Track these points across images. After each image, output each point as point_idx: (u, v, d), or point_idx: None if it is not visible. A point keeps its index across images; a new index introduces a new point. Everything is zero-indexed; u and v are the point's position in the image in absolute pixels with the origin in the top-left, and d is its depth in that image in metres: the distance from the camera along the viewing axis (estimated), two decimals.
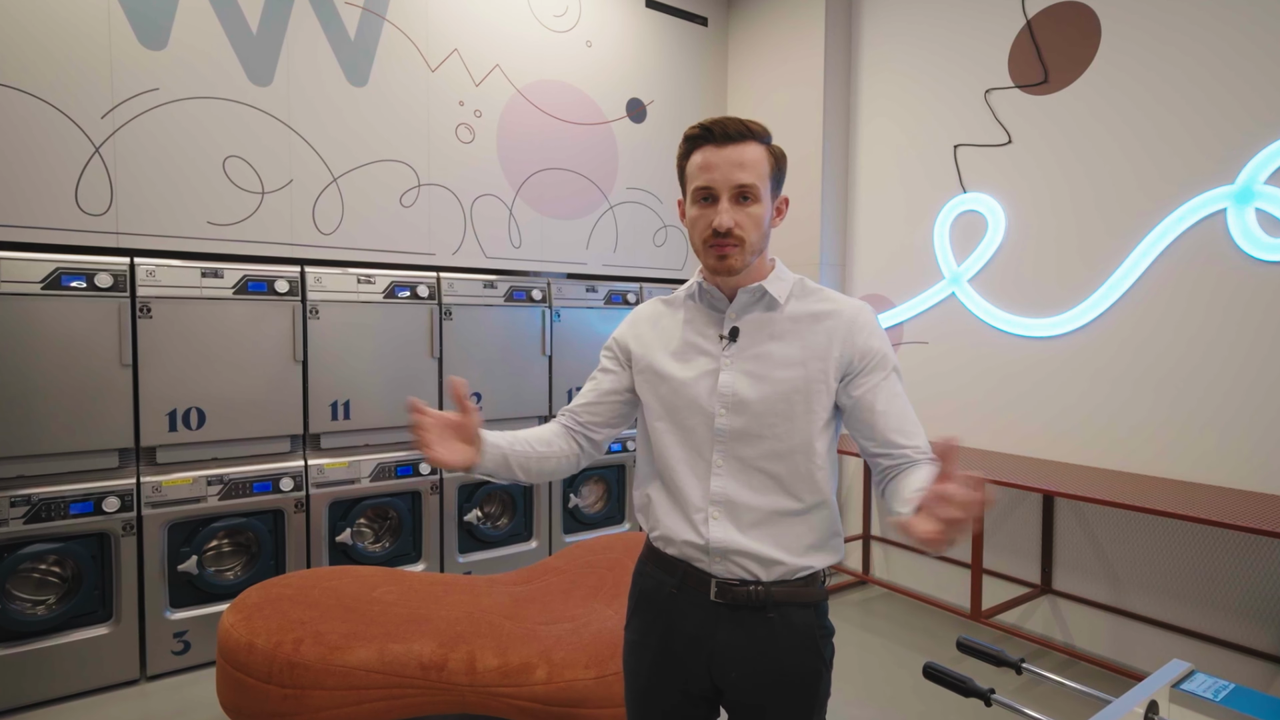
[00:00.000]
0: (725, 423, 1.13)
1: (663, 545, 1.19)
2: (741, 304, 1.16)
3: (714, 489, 1.13)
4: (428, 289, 3.09)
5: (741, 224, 1.09)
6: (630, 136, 3.80)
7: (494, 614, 2.14)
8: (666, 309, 1.26)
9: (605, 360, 1.30)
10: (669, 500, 1.18)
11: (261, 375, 2.73)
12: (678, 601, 1.16)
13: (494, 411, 3.29)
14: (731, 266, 1.11)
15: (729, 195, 1.09)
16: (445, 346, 3.14)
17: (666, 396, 1.18)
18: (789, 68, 3.79)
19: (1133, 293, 2.65)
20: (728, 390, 1.13)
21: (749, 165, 1.09)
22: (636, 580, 1.27)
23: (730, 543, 1.11)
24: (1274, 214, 2.30)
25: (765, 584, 1.11)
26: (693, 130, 1.13)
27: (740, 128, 1.09)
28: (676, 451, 1.17)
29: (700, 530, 1.13)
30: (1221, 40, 2.41)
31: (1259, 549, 2.38)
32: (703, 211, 1.12)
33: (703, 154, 1.11)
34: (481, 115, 3.30)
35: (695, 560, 1.15)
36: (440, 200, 3.21)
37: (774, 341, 1.14)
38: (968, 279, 3.18)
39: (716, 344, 1.16)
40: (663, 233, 3.96)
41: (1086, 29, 2.75)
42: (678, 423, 1.17)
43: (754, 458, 1.12)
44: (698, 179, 1.11)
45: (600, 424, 1.27)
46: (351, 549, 2.95)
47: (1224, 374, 2.44)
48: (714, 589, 1.12)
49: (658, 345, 1.22)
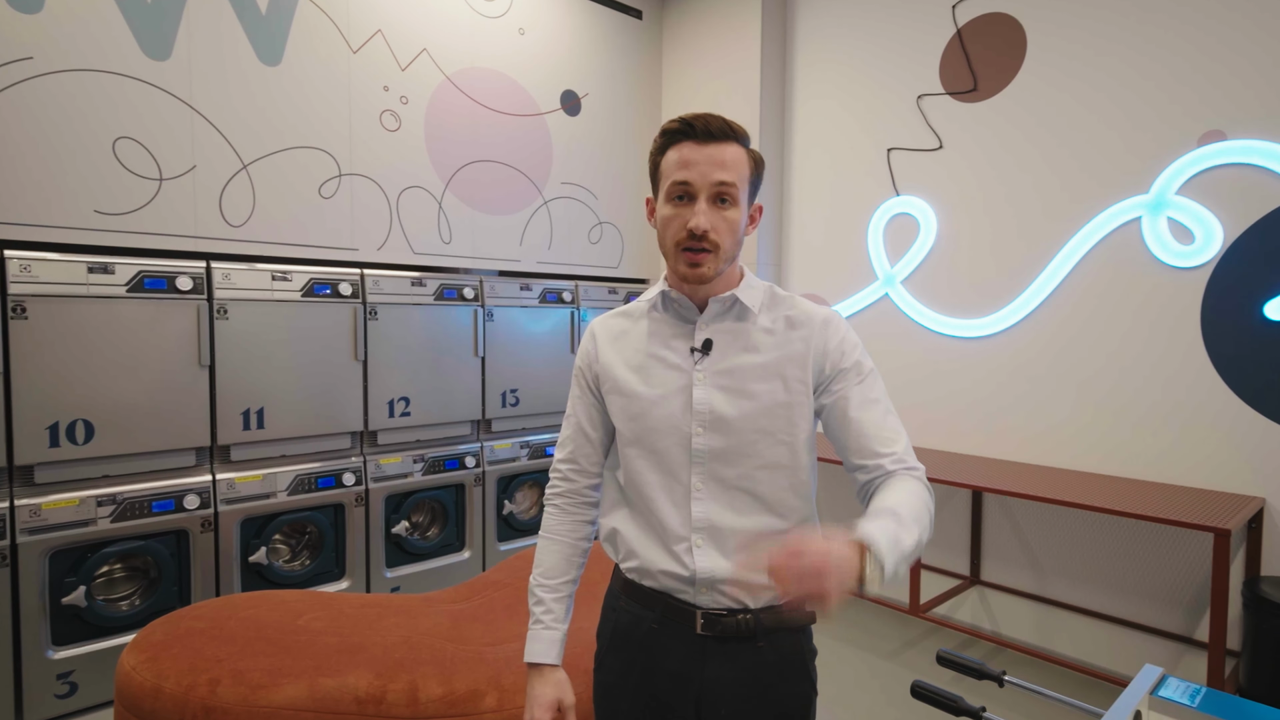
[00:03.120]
0: (704, 442, 1.05)
1: (638, 578, 1.10)
2: (713, 314, 1.08)
3: (696, 515, 1.05)
4: (351, 287, 2.88)
5: (718, 228, 1.02)
6: (565, 130, 3.68)
7: (434, 637, 1.99)
8: (628, 322, 1.16)
9: (576, 389, 1.21)
10: (643, 530, 1.09)
11: (161, 382, 2.46)
12: (659, 638, 1.08)
13: (423, 417, 3.11)
14: (703, 275, 1.03)
15: (707, 195, 1.01)
16: (370, 348, 2.94)
17: (635, 417, 1.09)
18: (724, 65, 3.77)
19: (1056, 295, 2.77)
20: (704, 407, 1.05)
21: (730, 165, 1.02)
22: (608, 615, 1.17)
23: (717, 571, 1.03)
24: (1184, 223, 2.44)
25: (754, 611, 1.04)
26: (672, 124, 1.05)
27: (724, 126, 1.02)
28: (650, 477, 1.08)
29: (683, 561, 1.05)
30: (1138, 56, 2.55)
31: (1169, 537, 2.54)
32: (677, 211, 1.03)
33: (681, 150, 1.03)
34: (408, 102, 3.10)
35: (678, 592, 1.07)
36: (364, 192, 2.99)
37: (748, 353, 1.07)
38: (901, 280, 3.25)
39: (687, 357, 1.08)
40: (598, 229, 3.87)
41: (1013, 40, 2.85)
42: (649, 446, 1.08)
43: (736, 478, 1.05)
44: (675, 174, 1.03)
45: (596, 471, 1.20)
46: (267, 569, 2.71)
47: (1138, 373, 2.58)
48: (700, 621, 1.04)
49: (621, 362, 1.13)
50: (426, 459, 3.15)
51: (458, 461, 3.25)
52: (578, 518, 1.20)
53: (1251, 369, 2.33)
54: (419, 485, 3.13)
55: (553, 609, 1.14)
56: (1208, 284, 2.41)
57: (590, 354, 1.18)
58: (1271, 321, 2.28)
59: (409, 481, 3.09)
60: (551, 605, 1.14)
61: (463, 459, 3.27)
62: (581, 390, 1.19)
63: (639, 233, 4.08)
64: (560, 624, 1.14)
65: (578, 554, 1.19)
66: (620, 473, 1.14)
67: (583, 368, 1.19)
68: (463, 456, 3.27)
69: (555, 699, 1.10)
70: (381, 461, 3.01)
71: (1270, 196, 2.28)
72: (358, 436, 2.98)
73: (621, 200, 3.98)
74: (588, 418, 1.18)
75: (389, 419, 3.02)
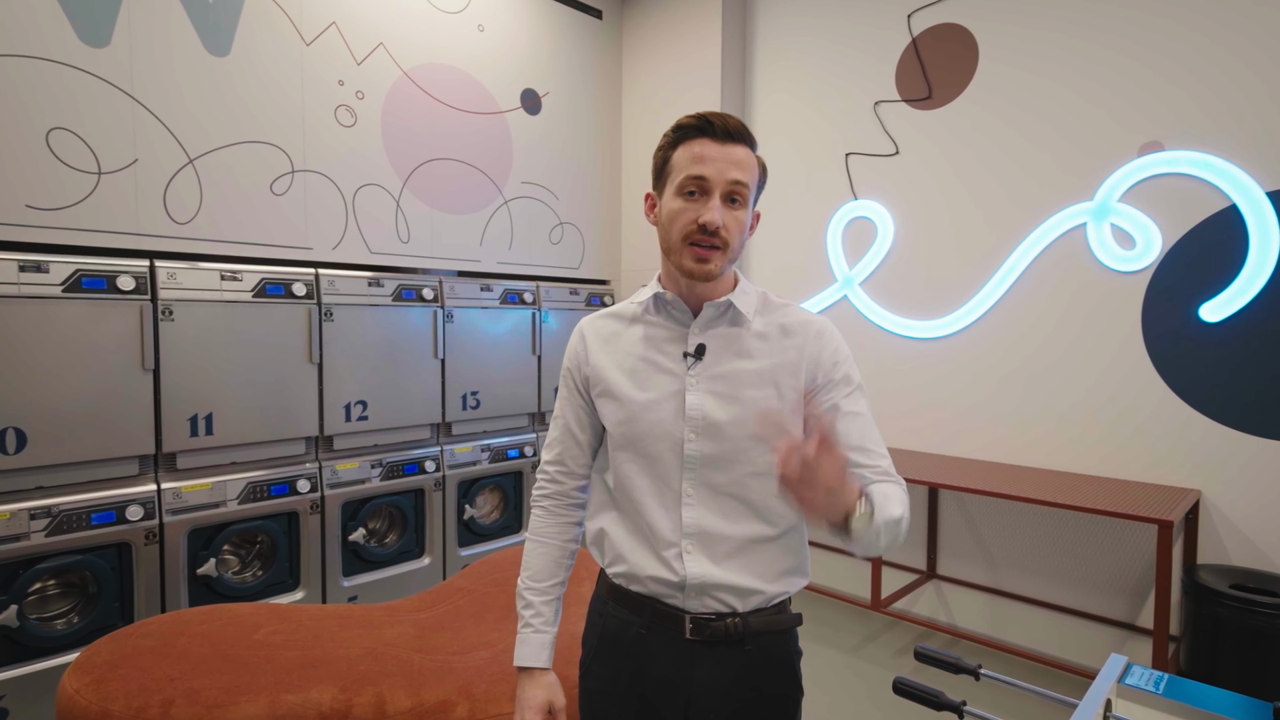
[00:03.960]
0: (695, 448, 1.04)
1: (626, 582, 1.09)
2: (707, 318, 1.08)
3: (686, 520, 1.04)
4: (305, 287, 2.78)
5: (729, 226, 1.02)
6: (525, 128, 3.64)
7: (399, 647, 1.94)
8: (620, 324, 1.15)
9: (565, 390, 1.19)
10: (632, 534, 1.08)
11: (101, 387, 2.33)
12: (647, 643, 1.07)
13: (381, 420, 3.03)
14: (710, 272, 1.03)
15: (721, 193, 1.02)
16: (326, 350, 2.84)
17: (627, 422, 1.08)
18: (684, 67, 3.79)
19: (1007, 298, 2.87)
20: (697, 413, 1.04)
21: (744, 166, 1.03)
22: (595, 621, 1.16)
23: (707, 577, 1.03)
24: (1126, 229, 2.56)
25: (742, 615, 1.04)
26: (688, 120, 1.04)
27: (741, 127, 1.04)
28: (641, 481, 1.07)
29: (673, 566, 1.04)
30: (1083, 69, 2.66)
31: (1114, 529, 2.65)
32: (688, 204, 1.02)
33: (697, 146, 1.03)
34: (364, 97, 3.01)
35: (666, 597, 1.06)
36: (318, 189, 2.89)
37: (742, 359, 1.06)
38: (859, 282, 3.32)
39: (680, 362, 1.07)
40: (559, 230, 3.84)
41: (965, 51, 2.94)
42: (641, 450, 1.07)
43: (726, 484, 1.05)
44: (689, 169, 1.02)
45: (584, 473, 1.19)
46: (216, 582, 2.60)
47: (1084, 372, 2.69)
48: (689, 626, 1.04)
49: (612, 365, 1.11)
50: (385, 464, 3.06)
51: (417, 466, 3.18)
52: (565, 520, 1.19)
53: (1188, 368, 2.46)
54: (377, 491, 3.04)
55: (542, 612, 1.14)
56: (1148, 287, 2.53)
57: (580, 355, 1.16)
58: (1206, 323, 2.41)
59: (366, 487, 3.00)
60: (540, 608, 1.14)
61: (422, 463, 3.20)
62: (570, 391, 1.18)
63: (599, 234, 4.06)
64: (550, 627, 1.14)
65: (566, 556, 1.18)
66: (609, 475, 1.12)
67: (572, 369, 1.17)
68: (422, 461, 3.20)
69: (546, 701, 1.10)
70: (338, 467, 2.92)
71: (1204, 205, 2.41)
72: (313, 442, 2.88)
73: (582, 200, 3.95)
74: (576, 420, 1.17)
75: (345, 423, 2.93)
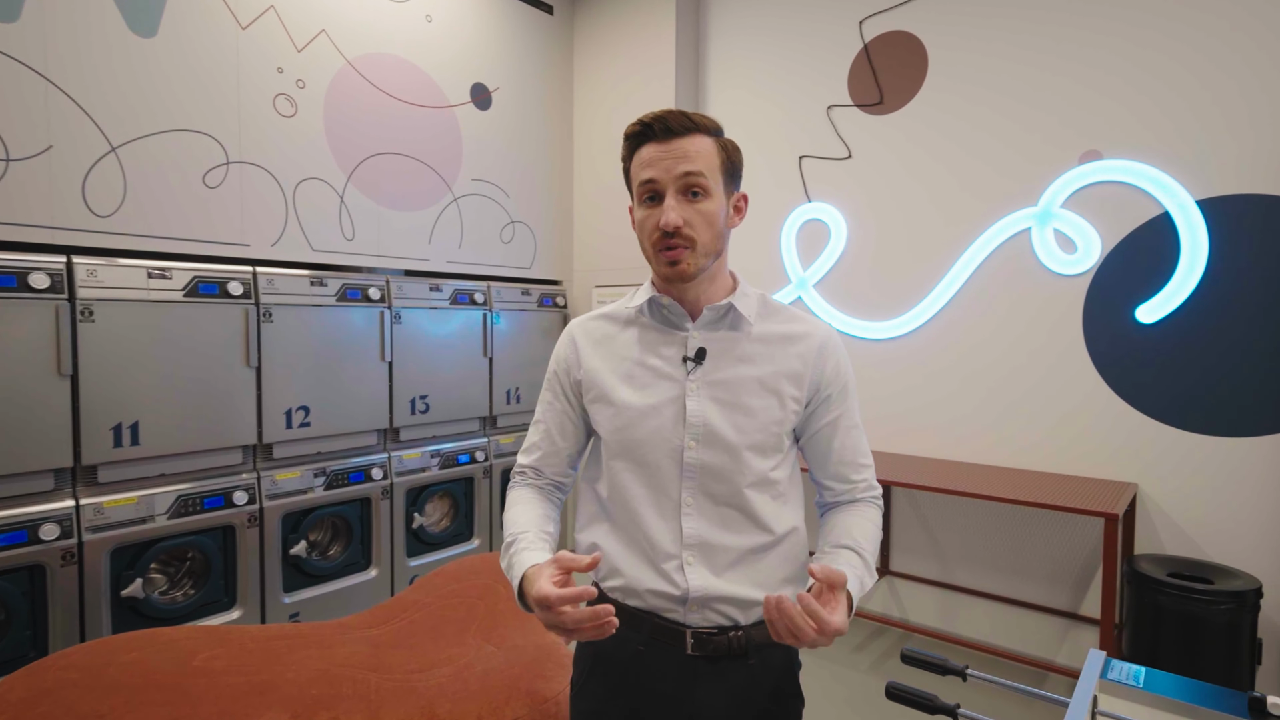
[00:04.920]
0: (696, 456, 1.01)
1: (622, 597, 1.04)
2: (707, 321, 1.05)
3: (687, 531, 1.00)
4: (242, 286, 2.61)
5: (691, 221, 0.98)
6: (475, 124, 3.53)
7: (354, 667, 1.83)
8: (613, 327, 1.10)
9: (549, 395, 1.13)
10: (628, 547, 1.03)
11: (10, 394, 2.12)
12: (646, 660, 1.02)
13: (325, 427, 2.88)
14: (684, 272, 0.99)
15: (675, 190, 0.98)
16: (265, 353, 2.68)
17: (623, 429, 1.03)
18: (637, 66, 3.75)
19: (956, 300, 2.95)
20: (697, 420, 1.01)
21: (694, 156, 0.98)
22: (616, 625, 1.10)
23: (710, 589, 0.99)
24: (1068, 234, 2.67)
25: (745, 628, 1.01)
26: (632, 128, 1.01)
27: (683, 120, 0.99)
28: (638, 491, 1.03)
29: (674, 579, 1.00)
30: (1027, 79, 2.75)
31: (1058, 523, 2.76)
32: (649, 211, 1.00)
33: (644, 151, 1.00)
34: (305, 86, 2.86)
35: (666, 611, 1.01)
36: (255, 182, 2.73)
37: (743, 364, 1.03)
38: (813, 284, 3.36)
39: (678, 366, 1.04)
40: (510, 229, 3.74)
41: (915, 58, 3.01)
42: (638, 459, 1.03)
43: (727, 494, 1.01)
44: (641, 175, 1.00)
45: (568, 468, 1.15)
46: (143, 603, 2.41)
47: (1029, 372, 2.79)
48: (690, 641, 1.00)
49: (607, 369, 1.07)
50: (328, 472, 2.91)
51: (363, 474, 3.04)
52: (545, 492, 1.15)
53: (1125, 367, 2.58)
54: (320, 501, 2.89)
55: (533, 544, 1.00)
56: (1088, 290, 2.64)
57: (570, 360, 1.11)
58: (1141, 324, 2.53)
59: (309, 497, 2.84)
60: (531, 540, 1.00)
61: (368, 471, 3.05)
62: (555, 396, 1.12)
63: (551, 233, 3.98)
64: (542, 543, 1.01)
65: (553, 510, 1.13)
66: (602, 485, 1.07)
67: (560, 373, 1.12)
68: (368, 468, 3.06)
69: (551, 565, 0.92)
70: (278, 477, 2.76)
71: (1140, 211, 2.53)
72: (250, 450, 2.71)
73: (534, 199, 3.87)
74: (559, 427, 1.12)
75: (286, 430, 2.77)
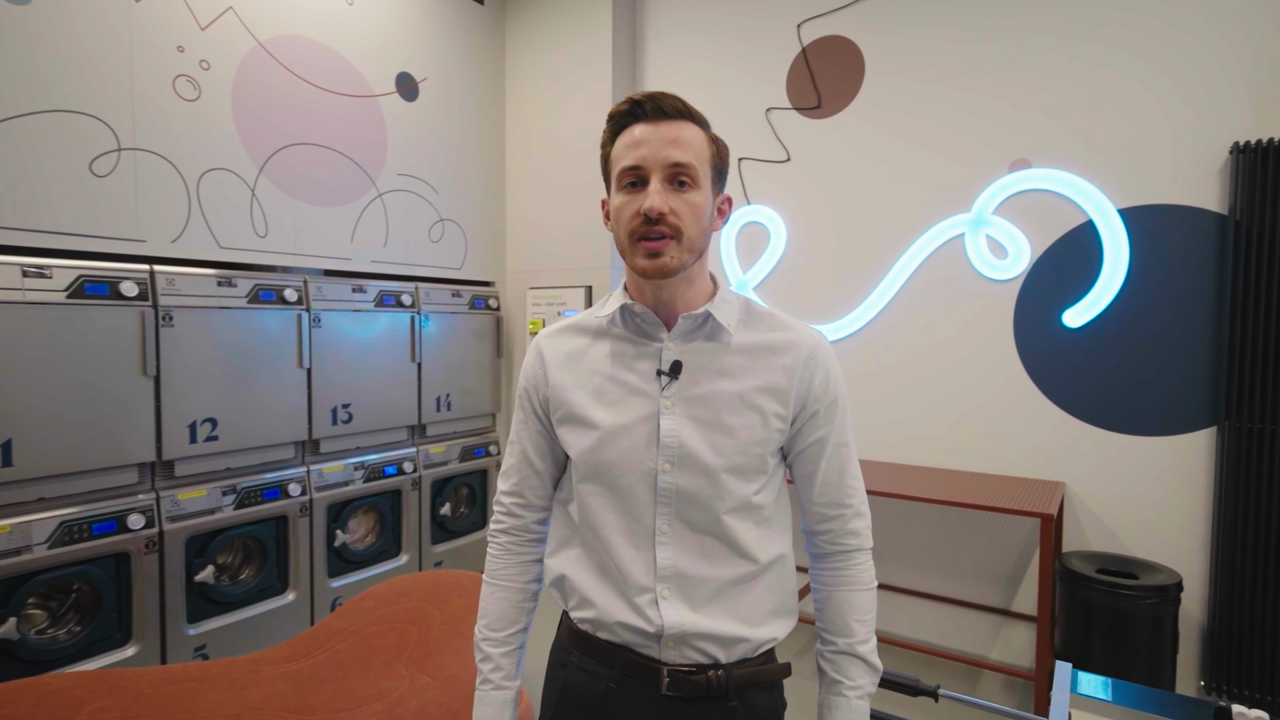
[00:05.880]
0: (670, 480, 0.92)
1: (592, 629, 0.95)
2: (682, 331, 0.96)
3: (661, 562, 0.92)
4: (136, 287, 2.35)
5: (678, 211, 0.89)
6: (401, 115, 3.34)
7: (272, 710, 1.66)
8: (582, 340, 1.01)
9: (520, 414, 1.05)
10: (599, 576, 0.95)
11: None
12: (617, 698, 0.93)
13: (234, 440, 2.64)
14: (665, 266, 0.89)
15: (662, 176, 0.89)
16: (165, 361, 2.42)
17: (593, 450, 0.94)
18: (572, 63, 3.65)
19: (894, 304, 2.98)
20: (672, 440, 0.92)
21: (686, 144, 0.90)
22: (556, 673, 1.01)
23: (687, 626, 0.91)
24: (999, 240, 2.73)
25: (726, 666, 0.93)
26: (619, 107, 0.92)
27: (676, 104, 0.92)
28: (608, 517, 0.94)
29: (647, 614, 0.91)
30: (959, 86, 2.81)
31: (991, 522, 2.82)
32: (630, 197, 0.91)
33: (631, 132, 0.91)
34: (210, 68, 2.61)
35: (640, 647, 0.93)
36: (153, 171, 2.47)
37: (722, 379, 0.94)
38: (753, 286, 3.34)
39: (652, 381, 0.95)
40: (439, 227, 3.56)
41: (853, 63, 3.03)
42: (609, 483, 0.94)
43: (705, 522, 0.93)
44: (625, 158, 0.91)
45: (544, 505, 1.05)
46: (17, 645, 2.12)
47: (964, 374, 2.85)
48: (665, 680, 0.91)
49: (576, 385, 0.98)
50: (239, 490, 2.67)
51: (279, 490, 2.80)
52: (525, 558, 1.05)
53: (1053, 369, 2.66)
54: (230, 521, 2.64)
55: (502, 665, 1.00)
56: (1019, 294, 2.71)
57: (537, 376, 1.02)
58: (1068, 328, 2.62)
59: (217, 518, 2.60)
60: (500, 661, 1.00)
61: (285, 486, 2.82)
62: (526, 415, 1.04)
63: (483, 232, 3.82)
64: (511, 682, 1.01)
65: (528, 599, 1.04)
66: (573, 507, 0.98)
67: (529, 390, 1.03)
68: (285, 484, 2.82)
69: None
70: (180, 497, 2.50)
71: (1066, 219, 2.62)
72: (148, 469, 2.45)
73: (464, 196, 3.70)
74: (534, 447, 1.03)
75: (190, 445, 2.52)
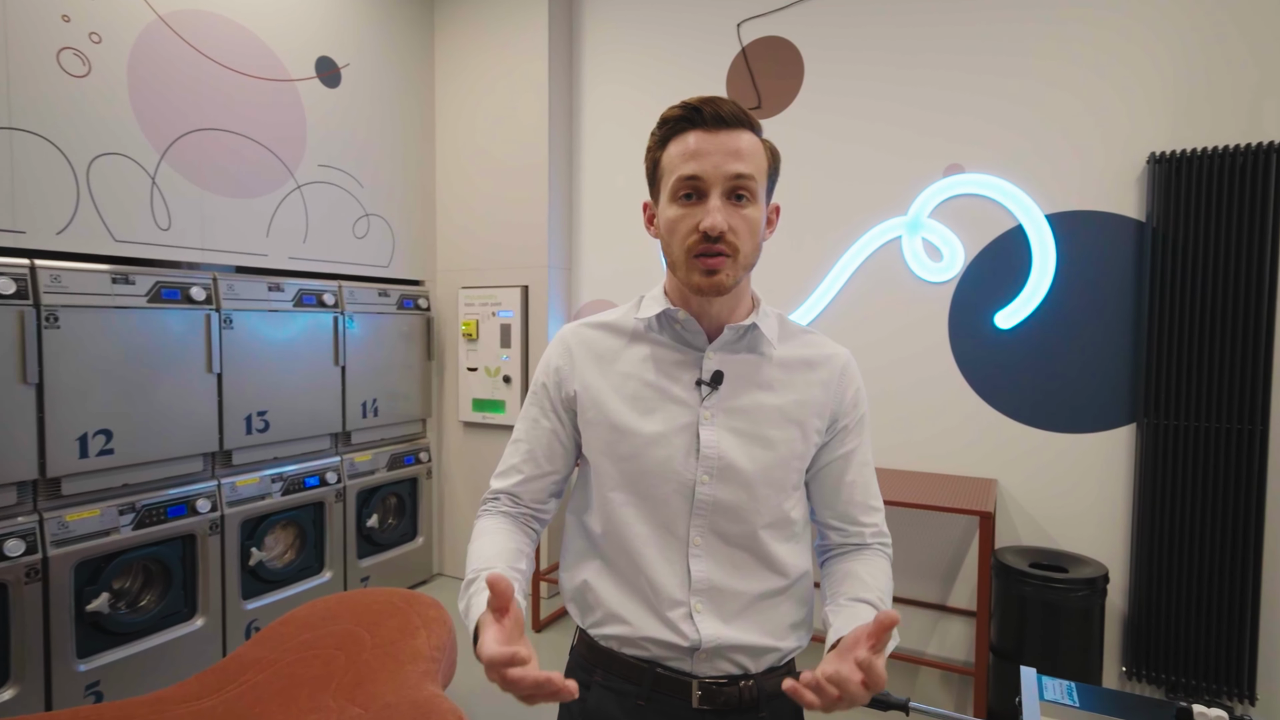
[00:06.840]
0: (709, 492, 0.90)
1: (618, 646, 0.91)
2: (725, 342, 0.93)
3: (695, 575, 0.89)
4: (14, 284, 2.09)
5: (736, 229, 0.86)
6: (322, 103, 3.13)
7: None
8: (618, 341, 0.96)
9: (535, 410, 0.98)
10: (626, 591, 0.91)
11: None
12: (645, 716, 0.90)
13: (132, 454, 2.40)
14: (721, 284, 0.87)
15: (721, 190, 0.85)
16: (48, 367, 2.17)
17: (628, 458, 0.91)
18: (507, 52, 3.51)
19: (834, 305, 3.00)
20: (712, 451, 0.89)
21: (746, 155, 0.86)
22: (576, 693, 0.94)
23: (722, 639, 0.89)
24: (935, 243, 2.79)
25: (755, 677, 0.91)
26: (673, 111, 0.87)
27: (737, 111, 0.87)
28: (640, 529, 0.90)
29: (680, 629, 0.88)
30: (896, 90, 2.85)
31: (927, 519, 2.88)
32: (687, 211, 0.86)
33: (688, 140, 0.86)
34: (101, 41, 2.36)
35: (670, 660, 0.90)
36: (33, 154, 2.20)
37: (763, 392, 0.93)
38: None
39: (692, 391, 0.92)
40: (364, 222, 3.36)
41: (792, 65, 3.03)
42: (643, 493, 0.91)
43: (740, 535, 0.91)
44: (682, 168, 0.86)
45: (549, 496, 1.00)
46: None
47: (902, 374, 2.89)
48: (696, 694, 0.89)
49: (609, 387, 0.93)
50: (139, 508, 2.43)
51: (185, 507, 2.57)
52: (521, 522, 0.98)
53: (985, 369, 2.73)
54: (127, 543, 2.40)
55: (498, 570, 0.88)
56: (953, 297, 2.77)
57: (563, 371, 0.96)
58: (999, 330, 2.69)
59: (112, 540, 2.35)
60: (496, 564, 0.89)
61: (192, 503, 2.59)
62: (543, 413, 0.98)
63: (411, 229, 3.64)
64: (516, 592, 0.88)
65: (528, 544, 0.96)
66: (593, 518, 0.94)
67: (549, 385, 0.97)
68: (192, 499, 2.59)
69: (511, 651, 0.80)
70: (68, 518, 2.25)
71: (997, 223, 2.69)
72: (29, 487, 2.19)
73: (391, 191, 3.51)
74: (545, 448, 0.97)
75: (80, 460, 2.26)
